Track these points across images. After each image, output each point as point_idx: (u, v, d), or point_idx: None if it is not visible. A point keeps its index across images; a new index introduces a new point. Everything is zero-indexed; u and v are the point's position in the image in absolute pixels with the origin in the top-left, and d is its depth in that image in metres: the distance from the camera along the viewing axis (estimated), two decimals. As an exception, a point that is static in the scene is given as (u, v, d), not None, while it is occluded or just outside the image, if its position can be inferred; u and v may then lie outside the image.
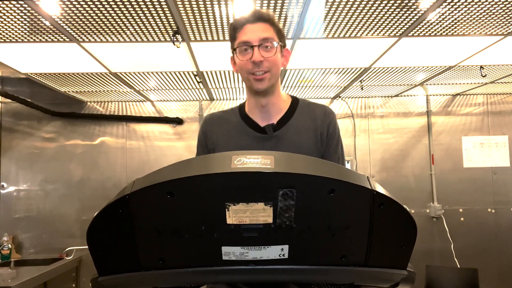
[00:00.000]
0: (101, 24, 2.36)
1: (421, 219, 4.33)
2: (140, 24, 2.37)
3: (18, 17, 2.23)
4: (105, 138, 4.35)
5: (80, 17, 2.25)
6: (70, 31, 2.44)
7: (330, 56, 3.06)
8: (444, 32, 2.60)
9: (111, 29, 2.43)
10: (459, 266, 4.12)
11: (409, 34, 2.62)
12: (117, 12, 2.20)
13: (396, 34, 2.63)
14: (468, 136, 4.49)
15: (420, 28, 2.53)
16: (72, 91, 3.95)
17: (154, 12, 2.21)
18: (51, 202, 4.22)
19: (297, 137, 1.34)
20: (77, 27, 2.38)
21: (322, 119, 1.38)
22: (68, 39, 2.58)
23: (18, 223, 4.17)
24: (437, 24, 2.46)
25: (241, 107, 1.44)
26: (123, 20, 2.30)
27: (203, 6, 2.14)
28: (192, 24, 2.38)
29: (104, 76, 3.40)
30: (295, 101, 1.42)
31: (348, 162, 4.42)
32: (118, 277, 0.84)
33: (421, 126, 4.51)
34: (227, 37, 2.59)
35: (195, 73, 3.38)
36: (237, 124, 1.39)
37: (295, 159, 0.78)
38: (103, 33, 2.49)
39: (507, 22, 2.46)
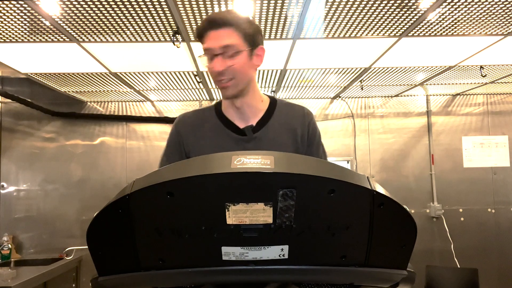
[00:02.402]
0: (101, 24, 2.36)
1: (421, 219, 4.33)
2: (140, 24, 2.37)
3: (18, 17, 2.23)
4: (105, 138, 4.34)
5: (80, 17, 2.25)
6: (70, 31, 2.44)
7: (330, 56, 3.06)
8: (444, 32, 2.60)
9: (111, 29, 2.43)
10: (459, 266, 4.12)
11: (409, 34, 2.62)
12: (117, 12, 2.20)
13: (396, 34, 2.63)
14: (468, 136, 4.49)
15: (420, 28, 2.53)
16: (72, 91, 3.95)
17: (154, 12, 2.21)
18: (51, 202, 4.22)
19: (277, 138, 1.32)
20: (77, 27, 2.38)
21: (302, 120, 1.36)
22: (68, 39, 2.58)
23: (18, 223, 4.16)
24: (437, 24, 2.46)
25: (217, 106, 1.40)
26: (123, 20, 2.30)
27: (203, 6, 2.14)
28: (192, 24, 2.38)
29: (104, 76, 3.40)
30: (273, 101, 1.39)
31: (348, 162, 4.42)
32: (118, 277, 0.84)
33: (421, 126, 4.51)
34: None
35: (195, 73, 3.38)
36: (214, 126, 1.35)
37: (295, 159, 0.78)
38: (103, 33, 2.49)
39: (507, 22, 2.46)
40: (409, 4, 2.19)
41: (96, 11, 2.18)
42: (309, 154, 1.35)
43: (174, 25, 2.38)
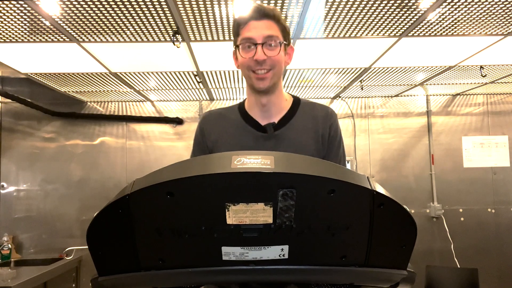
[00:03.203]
0: (101, 24, 2.36)
1: (421, 219, 4.33)
2: (140, 24, 2.37)
3: (18, 17, 2.23)
4: (105, 138, 4.34)
5: (80, 17, 2.25)
6: (70, 31, 2.44)
7: (330, 56, 3.06)
8: (444, 32, 2.60)
9: (111, 29, 2.43)
10: (459, 266, 4.12)
11: (409, 34, 2.62)
12: (117, 12, 2.20)
13: (396, 34, 2.63)
14: (468, 136, 4.49)
15: (420, 28, 2.53)
16: (72, 91, 3.95)
17: (154, 12, 2.21)
18: (51, 202, 4.22)
19: (298, 137, 1.32)
20: (77, 27, 2.38)
21: (324, 120, 1.36)
22: (68, 39, 2.58)
23: (18, 223, 4.16)
24: (437, 24, 2.46)
25: (241, 105, 1.41)
26: (123, 20, 2.30)
27: (203, 6, 2.14)
28: (192, 24, 2.38)
29: (104, 76, 3.40)
30: (296, 101, 1.40)
31: (348, 162, 4.42)
32: (118, 277, 0.84)
33: (421, 126, 4.51)
34: (227, 37, 2.59)
35: (195, 73, 3.38)
36: (237, 122, 1.36)
37: (295, 159, 0.78)
38: (103, 33, 2.49)
39: (507, 22, 2.46)
40: (409, 4, 2.19)
41: (96, 11, 2.18)
42: (329, 155, 1.35)
43: (174, 25, 2.38)
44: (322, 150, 1.34)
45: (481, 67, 3.40)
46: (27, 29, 2.40)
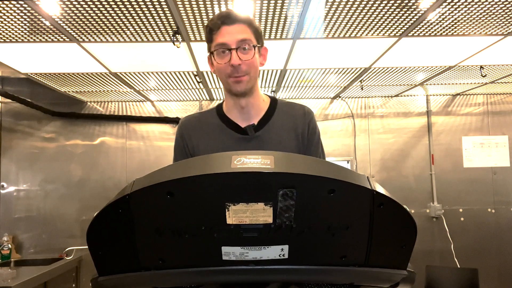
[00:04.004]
0: (101, 24, 2.36)
1: (421, 219, 4.33)
2: (140, 24, 2.37)
3: (18, 17, 2.23)
4: (105, 138, 4.34)
5: (80, 17, 2.25)
6: (70, 31, 2.44)
7: (330, 56, 3.06)
8: (444, 32, 2.60)
9: (111, 29, 2.43)
10: (459, 266, 4.12)
11: (409, 34, 2.62)
12: (117, 12, 2.20)
13: (396, 34, 2.63)
14: (468, 136, 4.49)
15: (420, 28, 2.53)
16: (72, 91, 3.95)
17: (154, 12, 2.21)
18: (51, 202, 4.22)
19: (278, 137, 1.33)
20: (77, 27, 2.38)
21: (302, 119, 1.37)
22: (68, 39, 2.58)
23: (18, 223, 4.16)
24: (437, 24, 2.46)
25: (219, 107, 1.41)
26: (123, 20, 2.30)
27: (203, 6, 2.14)
28: (192, 24, 2.38)
29: (104, 76, 3.40)
30: (274, 101, 1.41)
31: (348, 162, 4.42)
32: (118, 277, 0.84)
33: (421, 126, 4.51)
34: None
35: (195, 73, 3.38)
36: (216, 126, 1.36)
37: (295, 159, 0.78)
38: (103, 33, 2.49)
39: (507, 22, 2.46)
40: (409, 4, 2.19)
41: (96, 11, 2.18)
42: (308, 153, 1.36)
43: (174, 25, 2.38)
44: (302, 148, 1.35)
45: (481, 67, 3.40)
46: (27, 29, 2.40)
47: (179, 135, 1.40)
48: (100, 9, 2.15)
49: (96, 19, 2.28)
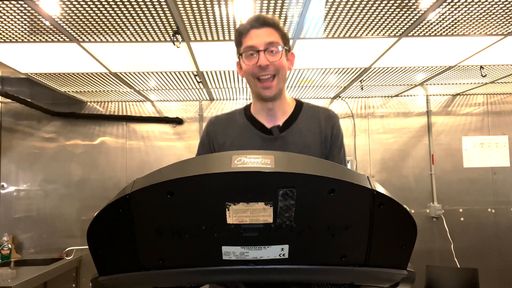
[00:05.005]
0: (101, 24, 2.36)
1: (421, 219, 4.33)
2: (140, 24, 2.37)
3: (18, 17, 2.23)
4: (105, 138, 4.34)
5: (80, 17, 2.25)
6: (70, 31, 2.44)
7: (330, 56, 3.06)
8: (444, 32, 2.60)
9: (111, 29, 2.43)
10: (459, 266, 4.12)
11: (409, 34, 2.62)
12: (117, 12, 2.20)
13: (396, 34, 2.63)
14: (468, 136, 4.49)
15: (420, 28, 2.53)
16: (72, 91, 3.95)
17: (154, 12, 2.21)
18: (51, 202, 4.22)
19: (302, 139, 1.36)
20: (77, 27, 2.38)
21: (326, 122, 1.40)
22: (68, 39, 2.57)
23: (18, 223, 4.16)
24: (437, 24, 2.46)
25: (247, 108, 1.45)
26: (123, 20, 2.30)
27: (203, 6, 2.14)
28: (192, 24, 2.38)
29: (104, 76, 3.40)
30: (299, 104, 1.45)
31: (348, 162, 4.42)
32: (118, 277, 0.84)
33: (421, 126, 4.51)
34: (227, 37, 2.59)
35: (195, 73, 3.38)
36: (243, 125, 1.41)
37: (295, 159, 0.78)
38: (103, 33, 2.49)
39: (507, 22, 2.46)
40: (409, 4, 2.19)
41: (96, 11, 2.18)
42: (331, 155, 1.39)
43: (174, 25, 2.38)
44: (325, 150, 1.38)
45: (481, 67, 3.40)
46: (27, 29, 2.40)
47: (206, 133, 1.45)
48: (100, 9, 2.15)
49: (96, 19, 2.28)
